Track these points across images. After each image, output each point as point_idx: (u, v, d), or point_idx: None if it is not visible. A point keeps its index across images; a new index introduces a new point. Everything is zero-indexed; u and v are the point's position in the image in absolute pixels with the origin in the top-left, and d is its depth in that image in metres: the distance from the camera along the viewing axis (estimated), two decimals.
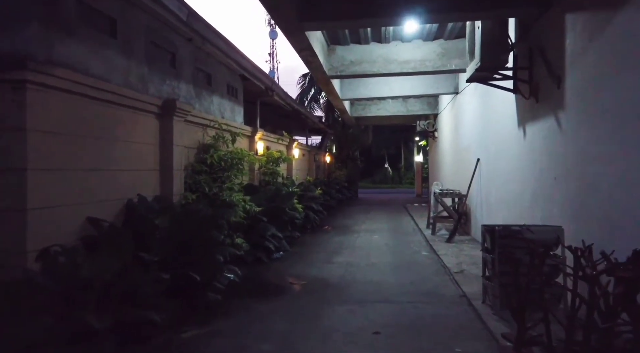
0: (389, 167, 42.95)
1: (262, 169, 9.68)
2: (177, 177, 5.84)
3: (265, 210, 7.97)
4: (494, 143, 7.64)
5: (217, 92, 7.68)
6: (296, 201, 10.11)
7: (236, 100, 8.75)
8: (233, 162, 6.64)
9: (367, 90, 11.27)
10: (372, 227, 11.52)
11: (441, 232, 10.01)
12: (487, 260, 4.73)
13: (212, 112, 7.41)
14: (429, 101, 14.69)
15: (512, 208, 6.57)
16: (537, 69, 5.48)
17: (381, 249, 8.44)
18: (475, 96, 9.02)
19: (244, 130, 8.64)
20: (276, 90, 10.53)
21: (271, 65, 50.53)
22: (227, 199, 5.96)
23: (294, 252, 8.18)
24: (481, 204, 8.56)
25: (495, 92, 7.40)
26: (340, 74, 8.37)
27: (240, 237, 6.22)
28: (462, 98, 10.53)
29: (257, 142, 9.44)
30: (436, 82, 11.00)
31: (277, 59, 56.81)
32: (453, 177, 11.71)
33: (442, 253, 7.63)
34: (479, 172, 8.69)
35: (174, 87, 6.11)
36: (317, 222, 11.56)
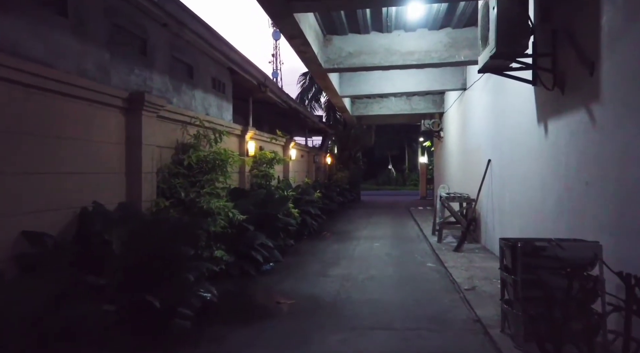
0: (392, 169, 42.16)
1: (253, 171, 8.93)
2: (148, 180, 5.10)
3: (254, 217, 7.22)
4: (508, 142, 6.86)
5: (200, 86, 6.95)
6: (291, 206, 9.37)
7: (224, 96, 8.01)
8: (216, 163, 5.89)
9: (368, 86, 10.51)
10: (373, 233, 10.75)
11: (448, 239, 9.23)
12: (507, 282, 3.95)
13: (193, 107, 6.68)
14: (434, 99, 13.90)
15: (531, 217, 5.79)
16: (562, 54, 4.70)
17: (382, 259, 7.66)
18: (486, 91, 8.24)
19: (232, 129, 7.89)
20: (270, 86, 9.79)
21: (274, 66, 50.24)
22: (205, 206, 5.20)
23: (287, 263, 7.42)
24: (492, 210, 7.78)
25: (509, 85, 6.63)
26: (337, 67, 7.62)
27: (221, 249, 5.46)
28: (470, 94, 9.74)
29: (248, 141, 8.70)
30: (442, 77, 10.22)
31: (281, 60, 56.39)
32: (460, 179, 10.92)
33: (450, 265, 6.85)
34: (490, 174, 7.91)
35: (145, 78, 5.38)
36: (315, 228, 10.80)
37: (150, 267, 3.98)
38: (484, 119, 8.38)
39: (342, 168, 21.33)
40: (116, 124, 4.75)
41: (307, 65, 7.51)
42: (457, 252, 7.87)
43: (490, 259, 7.23)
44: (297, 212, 9.46)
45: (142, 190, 4.96)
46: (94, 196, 4.30)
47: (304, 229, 10.25)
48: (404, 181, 40.45)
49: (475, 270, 6.47)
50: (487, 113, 8.18)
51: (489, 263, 6.89)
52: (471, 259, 7.27)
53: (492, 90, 7.75)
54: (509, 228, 6.78)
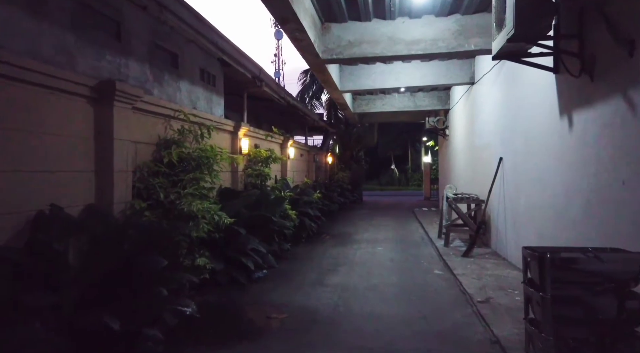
0: (395, 169, 41.53)
1: (247, 170, 8.36)
2: (121, 180, 4.53)
3: (245, 220, 6.65)
4: (522, 139, 6.26)
5: (187, 77, 6.38)
6: (288, 207, 8.80)
7: (214, 89, 7.44)
8: (201, 161, 5.32)
9: (369, 80, 9.91)
10: (375, 236, 10.16)
11: (455, 243, 8.64)
12: (533, 298, 3.36)
13: (178, 100, 6.11)
14: (439, 95, 13.30)
15: (551, 221, 5.19)
16: (592, 35, 4.11)
17: (385, 266, 7.07)
18: (497, 84, 7.64)
19: (223, 124, 7.32)
20: (265, 80, 9.21)
21: (276, 66, 49.87)
22: (186, 208, 4.63)
23: (281, 269, 6.84)
24: (504, 212, 7.18)
25: (525, 75, 6.03)
26: (336, 58, 7.03)
27: (205, 256, 4.89)
28: (479, 89, 9.14)
29: (242, 139, 8.13)
30: (449, 71, 9.62)
31: (283, 60, 56.00)
32: (468, 179, 10.31)
33: (459, 273, 6.26)
34: (501, 173, 7.31)
35: (120, 66, 4.81)
36: (314, 230, 10.22)
37: (114, 282, 3.41)
38: (495, 114, 7.78)
39: (344, 168, 20.76)
40: (83, 115, 4.18)
41: (304, 55, 6.93)
42: (466, 258, 7.28)
43: (502, 266, 6.63)
44: (295, 213, 8.90)
45: (114, 190, 4.39)
46: (54, 198, 3.73)
47: (302, 231, 9.67)
48: (407, 181, 39.82)
49: (487, 279, 5.87)
50: (498, 107, 7.58)
51: (502, 271, 6.30)
52: (482, 266, 6.67)
53: (505, 82, 7.15)
54: (524, 233, 6.18)
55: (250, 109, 13.26)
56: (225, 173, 7.64)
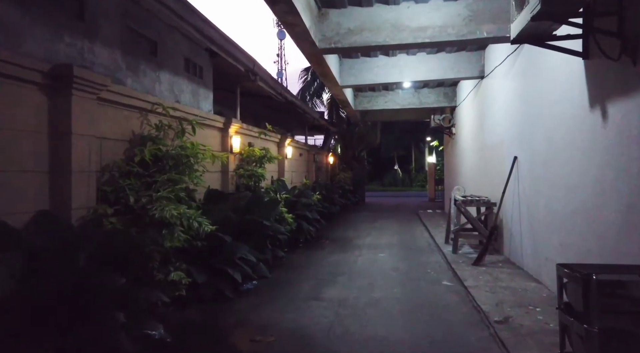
0: (398, 169, 40.86)
1: (239, 170, 7.74)
2: (82, 182, 3.91)
3: (234, 225, 6.03)
4: (543, 135, 5.61)
5: (168, 67, 5.76)
6: (285, 210, 8.19)
7: (201, 82, 6.82)
8: (180, 160, 4.70)
9: (371, 74, 9.27)
10: (378, 241, 9.51)
11: (464, 249, 7.98)
12: (572, 329, 2.71)
13: (157, 92, 5.50)
14: (446, 92, 12.64)
15: (579, 229, 4.53)
16: (635, 10, 3.45)
17: (388, 276, 6.43)
18: (511, 77, 6.99)
19: (211, 120, 6.70)
20: (260, 74, 8.59)
21: (279, 66, 49.54)
22: (158, 214, 4.00)
23: (274, 279, 6.21)
24: (520, 216, 6.52)
25: (546, 65, 5.38)
26: (335, 47, 6.39)
27: (181, 270, 4.26)
28: (490, 83, 8.49)
29: (233, 136, 7.50)
30: (456, 64, 8.97)
31: (286, 60, 55.67)
32: (477, 180, 9.66)
33: (471, 284, 5.61)
34: (516, 174, 6.66)
35: (82, 50, 4.20)
36: (313, 234, 9.60)
37: (57, 308, 2.79)
38: (509, 110, 7.12)
39: (346, 168, 20.12)
40: (34, 106, 3.57)
41: (299, 43, 6.29)
42: (477, 266, 6.63)
43: (518, 276, 5.97)
44: (291, 217, 8.29)
45: (72, 194, 3.77)
46: None
47: (300, 236, 9.06)
48: (411, 182, 39.18)
49: (503, 293, 5.22)
50: (512, 102, 6.92)
51: (518, 283, 5.64)
52: (496, 276, 6.02)
53: (520, 74, 6.50)
54: (544, 241, 5.53)
55: (246, 106, 12.65)
56: (214, 173, 7.03)
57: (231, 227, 5.93)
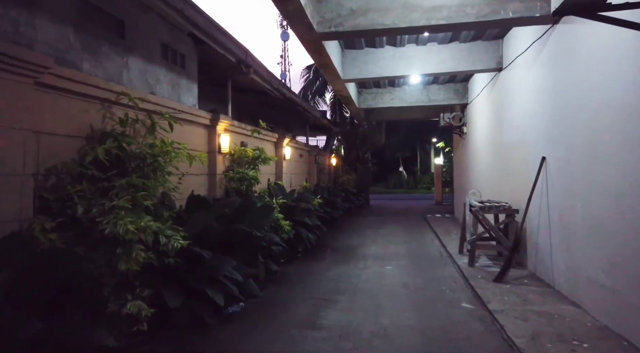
0: (403, 171, 39.93)
1: (229, 172, 6.90)
2: (12, 188, 3.09)
3: (218, 236, 5.20)
4: (581, 131, 4.74)
5: (140, 52, 4.95)
6: (281, 216, 7.36)
7: (183, 72, 6.00)
8: (144, 160, 3.87)
9: (377, 67, 8.42)
10: (384, 251, 8.64)
11: (482, 261, 7.12)
12: None
13: (124, 80, 4.68)
14: (456, 88, 11.76)
15: (635, 244, 3.66)
16: None
17: (397, 294, 5.57)
18: (538, 66, 6.12)
19: (193, 116, 5.87)
20: (254, 66, 7.76)
21: (282, 67, 49.11)
22: (109, 230, 3.16)
23: (265, 299, 5.37)
24: (549, 225, 5.65)
25: (587, 46, 4.51)
26: (335, 31, 5.55)
27: (142, 298, 3.42)
28: (509, 75, 7.62)
29: (221, 134, 6.67)
30: (471, 55, 8.10)
31: (289, 62, 55.14)
32: (492, 184, 8.78)
33: (496, 308, 4.75)
34: (544, 177, 5.79)
35: (18, 22, 3.38)
36: (313, 242, 8.75)
37: None
38: (534, 104, 6.25)
39: (349, 170, 19.25)
40: None
41: (293, 26, 5.45)
42: (500, 283, 5.77)
43: (550, 297, 5.10)
44: (289, 224, 7.46)
45: None
46: None
47: (299, 244, 8.22)
48: (416, 184, 38.24)
49: (537, 320, 4.35)
50: (539, 95, 6.05)
51: (552, 306, 4.77)
52: (524, 297, 5.14)
53: (551, 60, 5.63)
54: (583, 256, 4.66)
55: (242, 103, 11.83)
56: (198, 176, 6.20)
57: (214, 239, 5.11)
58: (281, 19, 50.79)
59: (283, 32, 47.89)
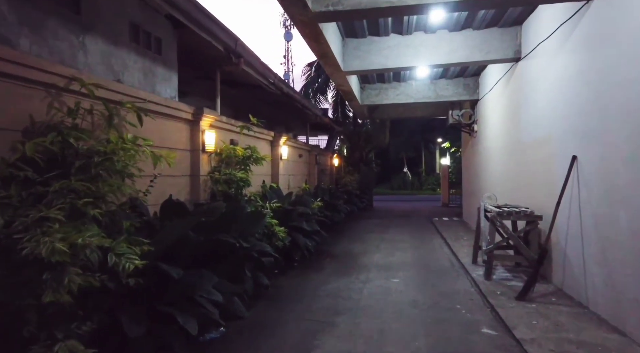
0: (407, 172, 39.11)
1: (214, 174, 6.15)
2: None
3: (196, 248, 4.45)
4: (623, 124, 3.96)
5: (101, 31, 4.21)
6: (275, 222, 6.62)
7: (159, 59, 5.27)
8: (92, 159, 3.13)
9: (381, 57, 7.65)
10: (389, 259, 7.87)
11: (499, 274, 6.34)
12: None
13: (81, 64, 3.94)
14: (466, 83, 10.97)
15: None
16: None
17: (405, 315, 4.79)
18: (566, 52, 5.35)
19: (171, 109, 5.13)
20: (245, 56, 7.02)
21: (286, 67, 48.84)
22: (27, 251, 2.41)
23: (251, 321, 4.62)
24: (581, 235, 4.87)
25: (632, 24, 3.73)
26: (334, 10, 4.79)
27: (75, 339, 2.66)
28: (529, 65, 6.84)
29: (206, 131, 5.92)
30: (485, 43, 7.32)
31: (293, 62, 54.84)
32: (507, 186, 8.00)
33: (524, 337, 3.97)
34: (574, 178, 5.01)
35: None
36: (311, 249, 8.00)
37: None
38: (562, 95, 5.47)
39: (352, 171, 18.49)
40: None
41: (286, 6, 4.70)
42: (524, 302, 4.99)
43: (586, 321, 4.32)
44: (284, 230, 6.72)
45: None
46: None
47: (295, 252, 7.47)
48: (421, 185, 37.41)
49: (574, 350, 3.58)
50: (568, 84, 5.27)
51: (591, 333, 3.99)
52: (554, 320, 4.37)
53: (584, 43, 4.85)
54: (626, 273, 3.88)
55: (237, 100, 11.10)
56: (178, 178, 5.47)
57: (190, 251, 4.36)
58: (284, 18, 50.38)
59: (286, 33, 47.86)
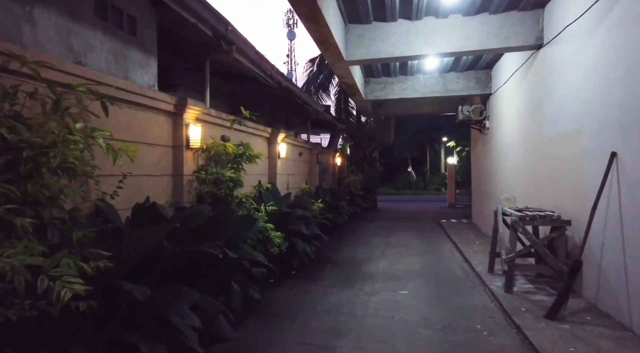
0: (412, 171, 38.36)
1: (201, 173, 5.47)
2: None
3: (173, 261, 3.78)
4: None
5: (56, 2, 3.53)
6: (270, 226, 5.96)
7: (132, 41, 4.60)
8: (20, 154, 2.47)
9: (388, 45, 6.96)
10: (396, 267, 7.18)
11: (520, 285, 5.66)
12: None
13: (29, 40, 3.28)
14: (478, 76, 10.25)
15: None
16: None
17: (417, 338, 4.10)
18: (602, 32, 4.64)
19: (148, 99, 4.45)
20: (237, 43, 6.34)
21: (289, 66, 48.63)
22: None
23: (235, 345, 3.95)
24: (622, 245, 4.17)
25: None
26: None
27: None
28: (554, 51, 6.13)
29: (190, 124, 5.25)
30: (503, 29, 6.61)
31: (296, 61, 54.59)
32: (526, 187, 7.29)
33: None
34: (612, 178, 4.31)
35: None
36: (311, 255, 7.33)
37: None
38: (597, 83, 4.77)
39: (355, 170, 17.79)
40: None
41: None
42: (555, 321, 4.29)
43: (634, 346, 3.62)
44: (280, 235, 6.07)
45: None
46: None
47: (293, 259, 6.81)
48: (425, 185, 36.67)
49: None
50: (607, 69, 4.56)
51: None
52: (597, 346, 3.67)
53: (630, 19, 4.14)
54: None
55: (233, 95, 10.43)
56: (159, 178, 4.80)
57: (164, 264, 3.69)
58: (287, 18, 49.89)
59: (289, 32, 47.95)
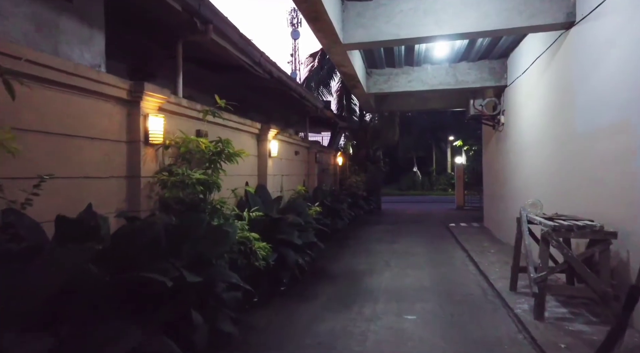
0: (418, 171, 37.33)
1: (163, 174, 4.52)
2: None
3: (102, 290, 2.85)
4: None
5: None
6: (254, 236, 5.04)
7: (68, 8, 3.66)
8: None
9: (391, 25, 6.00)
10: (402, 282, 6.21)
11: (551, 308, 4.68)
12: None
13: None
14: (492, 66, 9.25)
15: None
16: None
17: None
18: None
19: (87, 82, 3.52)
20: (216, 22, 5.41)
21: (293, 66, 48.21)
22: None
23: None
24: None
25: None
26: None
27: None
28: (591, 29, 5.15)
29: (150, 115, 4.31)
30: (526, 4, 5.63)
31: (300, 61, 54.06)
32: (553, 190, 6.30)
33: None
34: None
35: None
36: (304, 267, 6.41)
37: None
38: None
39: (358, 170, 16.82)
40: None
41: None
42: None
43: None
44: (266, 247, 5.15)
45: None
46: None
47: (283, 272, 5.89)
48: (431, 186, 35.64)
49: None
50: None
51: None
52: None
53: None
54: None
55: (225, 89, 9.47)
56: (108, 180, 3.87)
57: (88, 297, 2.75)
58: (291, 17, 49.22)
59: (293, 31, 48.04)
